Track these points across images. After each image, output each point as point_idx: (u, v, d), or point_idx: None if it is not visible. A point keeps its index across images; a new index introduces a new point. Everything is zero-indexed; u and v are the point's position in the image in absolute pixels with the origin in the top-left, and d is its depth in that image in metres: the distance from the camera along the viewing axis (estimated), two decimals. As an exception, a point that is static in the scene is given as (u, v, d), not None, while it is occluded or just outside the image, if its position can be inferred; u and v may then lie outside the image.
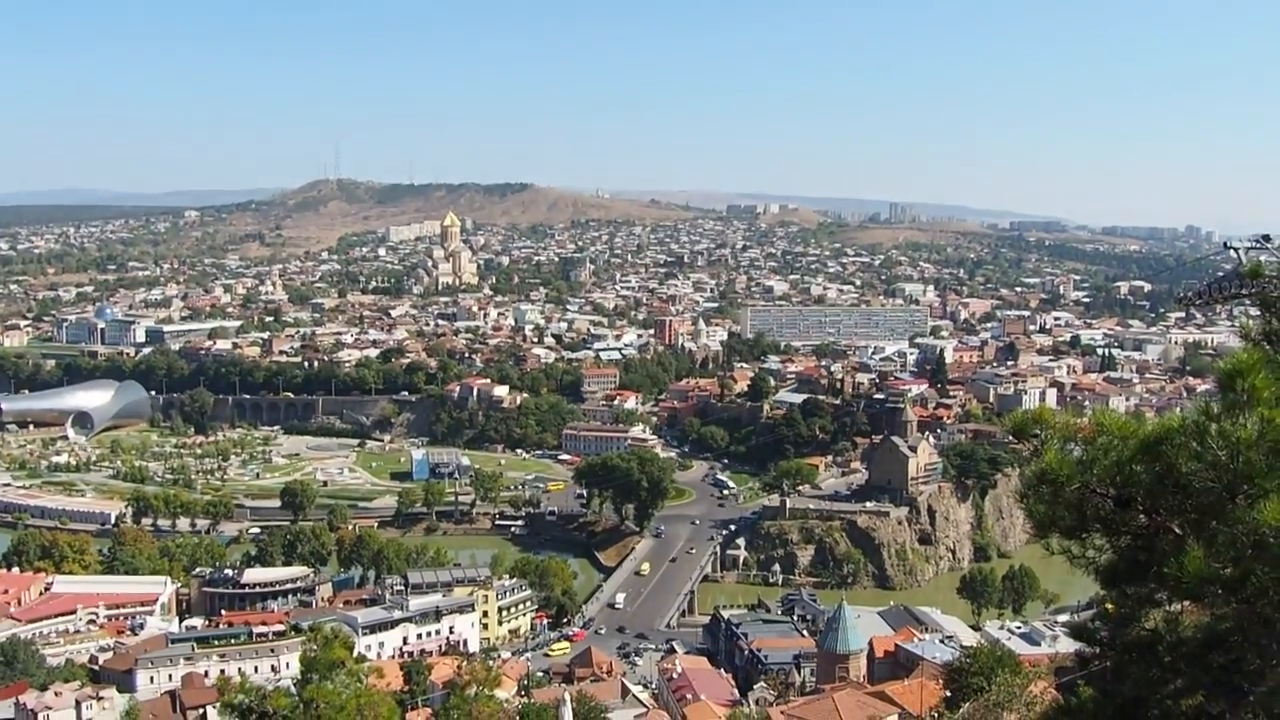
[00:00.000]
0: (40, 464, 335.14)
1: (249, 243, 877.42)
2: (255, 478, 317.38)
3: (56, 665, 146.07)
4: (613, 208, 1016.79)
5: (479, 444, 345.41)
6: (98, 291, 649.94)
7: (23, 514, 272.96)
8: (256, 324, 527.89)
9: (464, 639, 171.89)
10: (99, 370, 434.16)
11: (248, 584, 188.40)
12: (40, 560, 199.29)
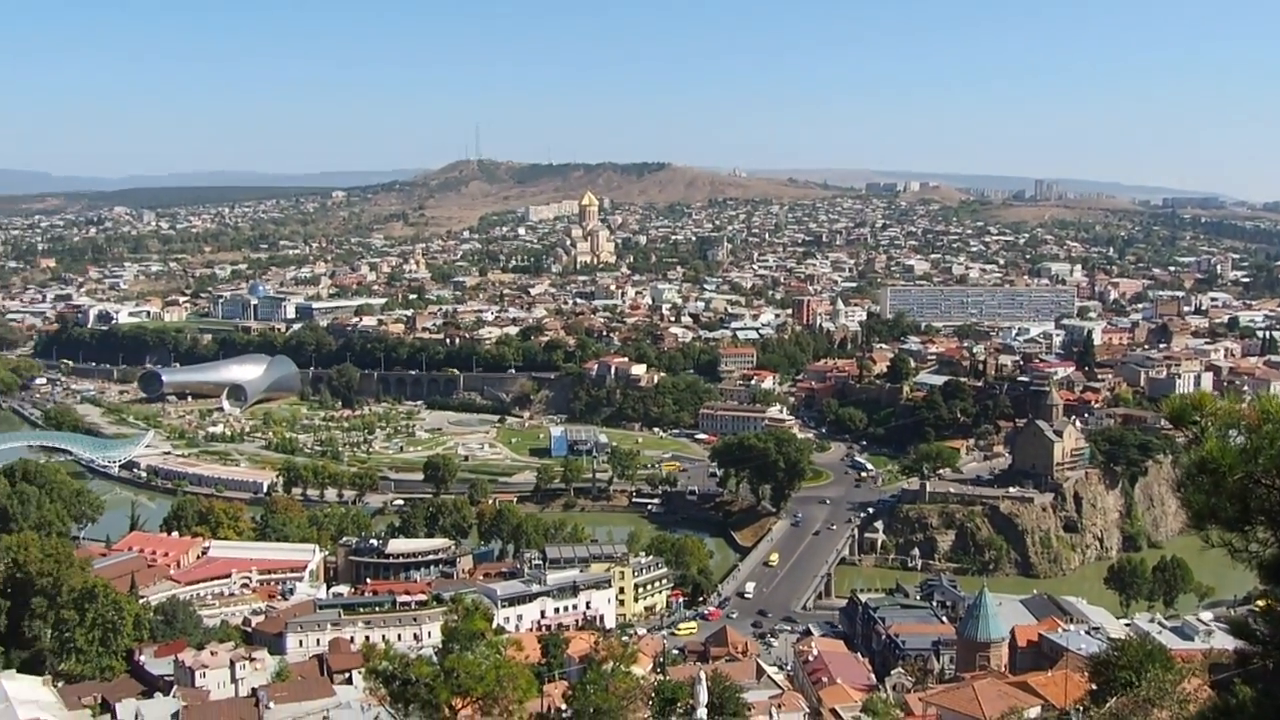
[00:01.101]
0: (198, 434, 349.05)
1: (393, 222, 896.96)
2: (399, 451, 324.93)
3: (212, 626, 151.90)
4: (750, 186, 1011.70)
5: (616, 422, 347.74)
6: (251, 269, 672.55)
7: (182, 481, 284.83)
8: (400, 301, 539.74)
9: (600, 614, 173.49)
10: (252, 345, 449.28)
11: (392, 554, 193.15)
12: (198, 526, 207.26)
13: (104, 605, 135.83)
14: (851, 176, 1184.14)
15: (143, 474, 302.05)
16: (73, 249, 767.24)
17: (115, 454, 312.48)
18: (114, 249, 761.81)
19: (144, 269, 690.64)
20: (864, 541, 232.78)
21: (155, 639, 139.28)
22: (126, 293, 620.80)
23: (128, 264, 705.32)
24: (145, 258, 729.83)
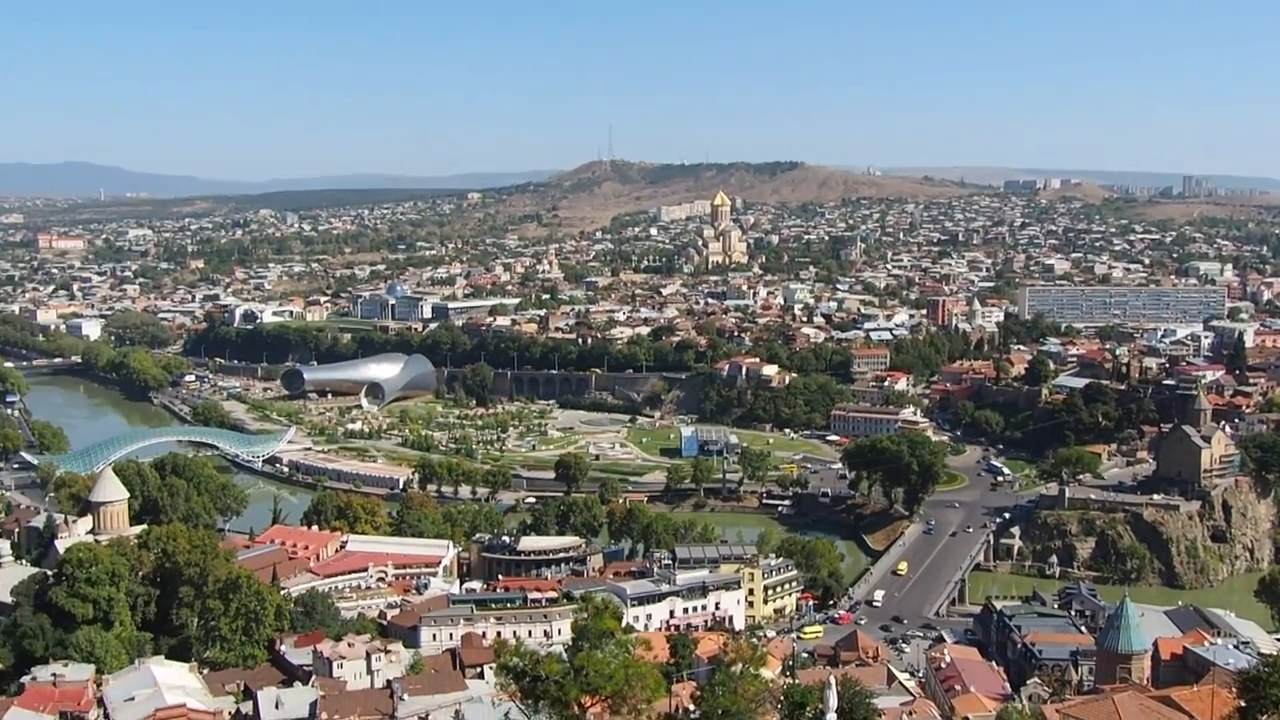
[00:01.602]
0: (337, 430, 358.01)
1: (527, 223, 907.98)
2: (531, 449, 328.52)
3: (349, 618, 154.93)
4: (884, 185, 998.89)
5: (747, 422, 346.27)
6: (389, 270, 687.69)
7: (322, 476, 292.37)
8: (534, 301, 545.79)
9: (729, 615, 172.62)
10: (390, 344, 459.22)
11: (523, 551, 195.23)
12: (336, 520, 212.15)
13: (247, 596, 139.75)
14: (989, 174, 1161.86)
15: (284, 469, 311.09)
16: (220, 250, 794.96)
17: (259, 449, 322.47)
18: (259, 250, 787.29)
19: (287, 270, 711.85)
20: (1000, 547, 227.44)
21: (295, 629, 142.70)
22: (270, 293, 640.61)
23: (272, 265, 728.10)
24: (288, 259, 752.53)
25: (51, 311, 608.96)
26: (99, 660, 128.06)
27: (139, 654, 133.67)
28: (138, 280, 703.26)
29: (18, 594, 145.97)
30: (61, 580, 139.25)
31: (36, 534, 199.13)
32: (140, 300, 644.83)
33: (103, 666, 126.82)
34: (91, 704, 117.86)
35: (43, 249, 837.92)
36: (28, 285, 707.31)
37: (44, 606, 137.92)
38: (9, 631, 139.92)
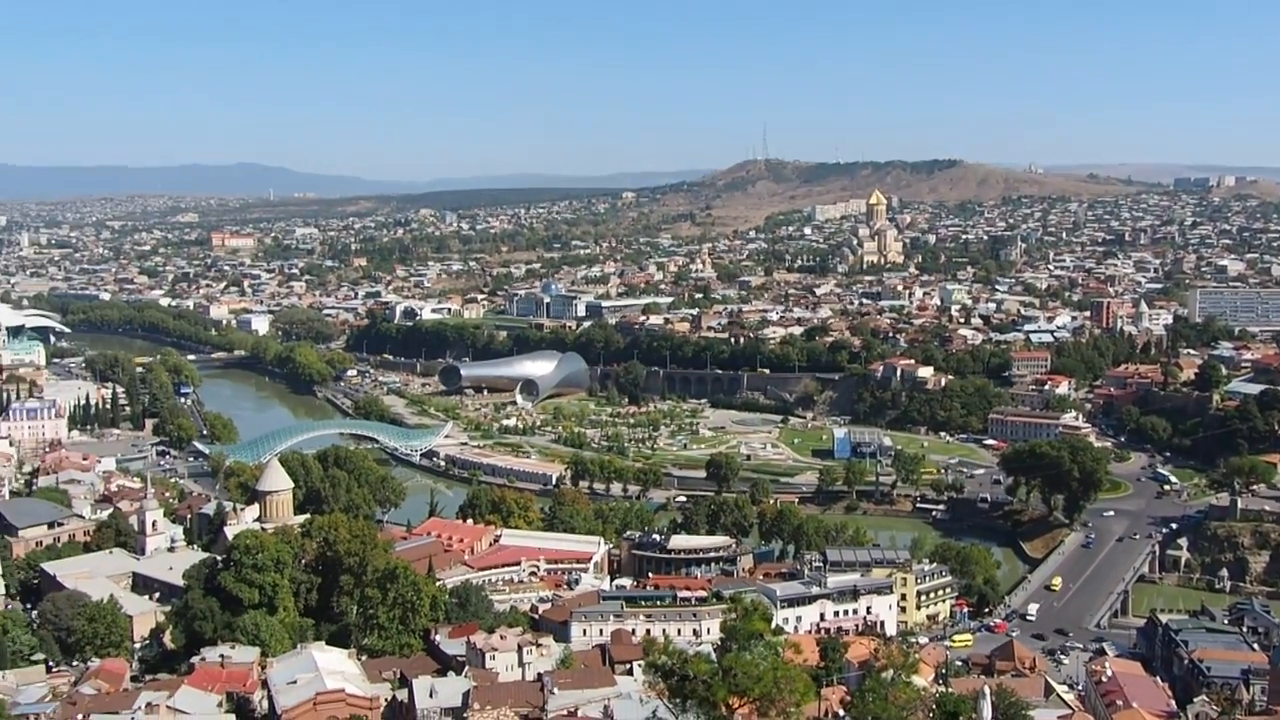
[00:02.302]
0: (492, 426, 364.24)
1: (681, 222, 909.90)
2: (683, 448, 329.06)
3: (502, 611, 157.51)
4: (1046, 183, 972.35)
5: (901, 425, 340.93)
6: (544, 268, 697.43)
7: (477, 471, 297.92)
8: (687, 300, 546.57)
9: (881, 620, 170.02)
10: (544, 341, 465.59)
11: (673, 550, 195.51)
12: (490, 514, 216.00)
13: (404, 586, 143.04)
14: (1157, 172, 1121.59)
15: (441, 463, 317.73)
16: (382, 249, 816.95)
17: (417, 443, 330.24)
18: (419, 249, 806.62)
19: (446, 268, 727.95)
20: (1166, 559, 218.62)
21: (450, 620, 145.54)
22: (430, 290, 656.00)
23: (431, 263, 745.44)
24: (447, 257, 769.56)
25: (223, 307, 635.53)
26: (264, 643, 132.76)
27: (301, 639, 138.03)
28: (304, 277, 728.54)
29: (189, 577, 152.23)
30: (230, 565, 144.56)
31: (207, 520, 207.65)
32: (306, 297, 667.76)
33: (267, 650, 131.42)
34: (256, 685, 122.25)
35: (216, 247, 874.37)
36: (201, 282, 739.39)
37: (213, 590, 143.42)
38: (181, 613, 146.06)
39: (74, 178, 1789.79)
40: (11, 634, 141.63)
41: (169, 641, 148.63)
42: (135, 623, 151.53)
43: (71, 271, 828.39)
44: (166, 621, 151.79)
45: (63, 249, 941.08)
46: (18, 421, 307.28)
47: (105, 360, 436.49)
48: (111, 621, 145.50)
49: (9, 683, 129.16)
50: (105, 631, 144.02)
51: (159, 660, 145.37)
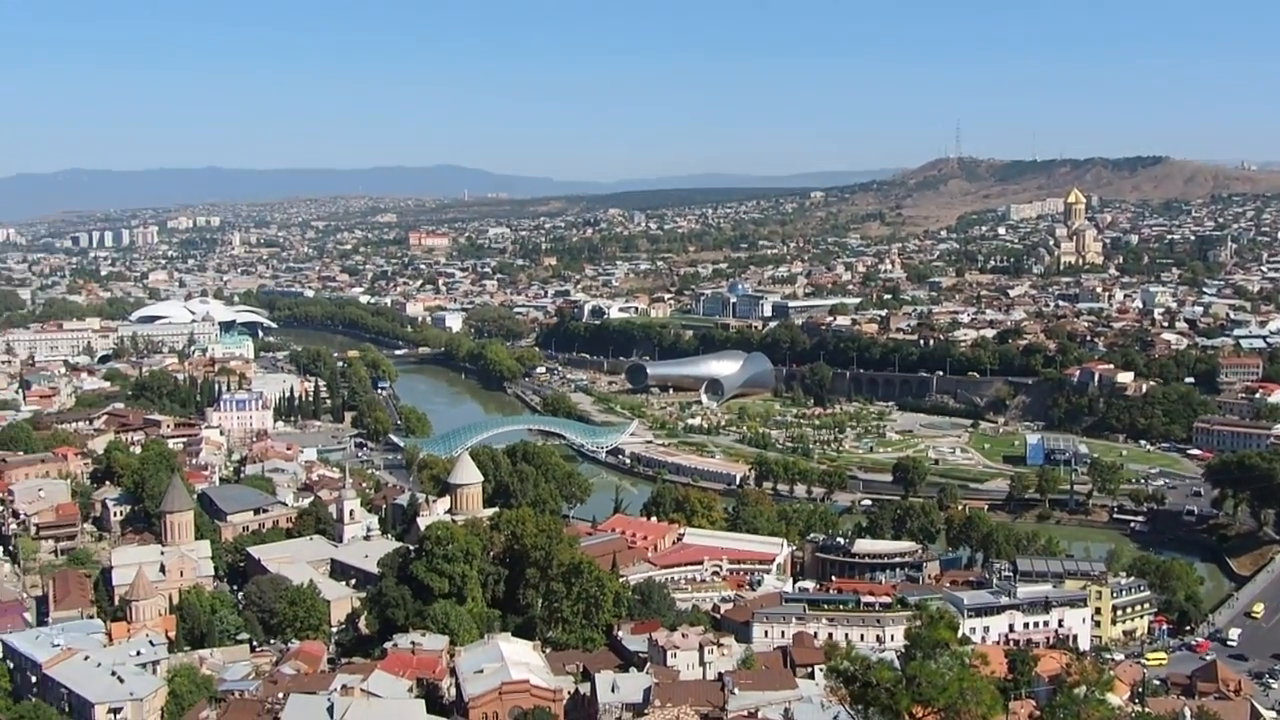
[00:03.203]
0: (677, 425, 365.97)
1: (870, 222, 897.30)
2: (869, 451, 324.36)
3: (684, 609, 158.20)
4: (1260, 180, 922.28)
5: (1098, 432, 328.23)
6: (731, 268, 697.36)
7: (661, 469, 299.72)
8: (875, 301, 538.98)
9: (1073, 634, 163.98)
10: (730, 341, 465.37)
11: (857, 554, 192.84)
12: (674, 512, 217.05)
13: (588, 581, 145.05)
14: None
15: (626, 460, 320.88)
16: (571, 248, 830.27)
17: (603, 440, 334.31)
18: (607, 248, 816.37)
19: (633, 267, 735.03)
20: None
21: (632, 616, 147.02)
22: (617, 289, 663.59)
23: (619, 262, 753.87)
24: (635, 256, 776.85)
25: (419, 304, 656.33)
26: (452, 632, 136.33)
27: (488, 629, 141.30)
28: (496, 276, 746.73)
29: (383, 566, 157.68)
30: (421, 555, 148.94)
31: (401, 511, 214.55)
32: (498, 295, 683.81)
33: (455, 638, 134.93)
34: (445, 673, 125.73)
35: (413, 246, 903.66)
36: (399, 280, 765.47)
37: (405, 579, 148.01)
38: (375, 600, 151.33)
39: (282, 180, 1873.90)
40: (220, 614, 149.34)
41: (364, 627, 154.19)
42: (333, 607, 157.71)
43: (278, 269, 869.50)
44: (362, 607, 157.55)
45: (270, 248, 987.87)
46: (228, 412, 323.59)
47: (308, 355, 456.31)
48: (311, 605, 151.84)
49: (216, 660, 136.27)
50: (305, 614, 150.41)
51: (354, 644, 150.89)
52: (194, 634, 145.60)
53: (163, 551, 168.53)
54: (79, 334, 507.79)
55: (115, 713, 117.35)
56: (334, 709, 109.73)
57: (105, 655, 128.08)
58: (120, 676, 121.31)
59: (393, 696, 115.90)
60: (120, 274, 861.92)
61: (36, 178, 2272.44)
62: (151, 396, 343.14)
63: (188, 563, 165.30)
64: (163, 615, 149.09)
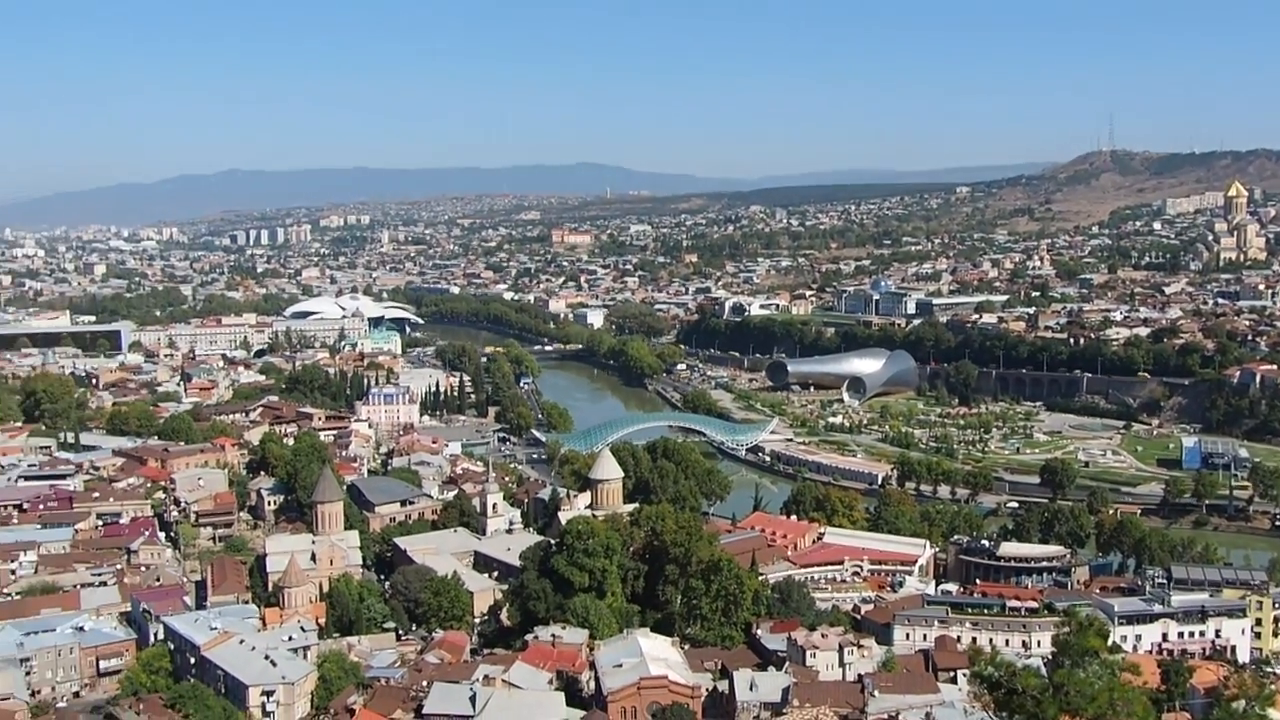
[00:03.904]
0: (818, 423, 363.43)
1: (1017, 217, 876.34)
2: (1015, 452, 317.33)
3: (824, 609, 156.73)
4: None
5: (1260, 435, 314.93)
6: (873, 265, 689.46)
7: (802, 467, 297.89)
8: (1022, 299, 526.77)
9: (1231, 645, 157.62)
10: (872, 339, 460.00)
11: (1003, 557, 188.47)
12: (814, 511, 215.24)
13: (727, 578, 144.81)
14: None
15: (766, 458, 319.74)
16: (712, 245, 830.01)
17: (743, 438, 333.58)
18: (748, 245, 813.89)
19: (774, 264, 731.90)
20: None
21: (771, 615, 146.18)
22: (758, 286, 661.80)
23: (760, 259, 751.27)
24: (776, 253, 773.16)
25: (561, 301, 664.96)
26: (592, 626, 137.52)
27: (627, 624, 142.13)
28: (637, 273, 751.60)
29: (525, 559, 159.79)
30: (562, 549, 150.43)
31: (542, 505, 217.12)
32: (639, 292, 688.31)
33: (595, 632, 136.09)
34: (584, 666, 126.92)
35: (555, 243, 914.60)
36: (542, 276, 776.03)
37: (546, 572, 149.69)
38: (517, 592, 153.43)
39: (428, 179, 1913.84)
40: (367, 602, 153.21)
41: (505, 618, 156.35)
42: (475, 599, 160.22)
43: (425, 266, 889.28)
44: (504, 599, 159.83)
45: (418, 245, 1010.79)
46: (376, 406, 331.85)
47: (454, 350, 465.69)
48: (455, 596, 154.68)
49: (364, 646, 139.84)
50: (449, 605, 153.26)
51: (495, 635, 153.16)
52: (343, 621, 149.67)
53: (314, 540, 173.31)
54: (236, 329, 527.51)
55: (268, 695, 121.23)
56: (476, 698, 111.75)
57: (259, 639, 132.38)
58: (273, 660, 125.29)
59: (533, 688, 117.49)
60: (275, 271, 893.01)
61: (198, 179, 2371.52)
62: (304, 390, 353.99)
63: (337, 552, 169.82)
64: (313, 602, 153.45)
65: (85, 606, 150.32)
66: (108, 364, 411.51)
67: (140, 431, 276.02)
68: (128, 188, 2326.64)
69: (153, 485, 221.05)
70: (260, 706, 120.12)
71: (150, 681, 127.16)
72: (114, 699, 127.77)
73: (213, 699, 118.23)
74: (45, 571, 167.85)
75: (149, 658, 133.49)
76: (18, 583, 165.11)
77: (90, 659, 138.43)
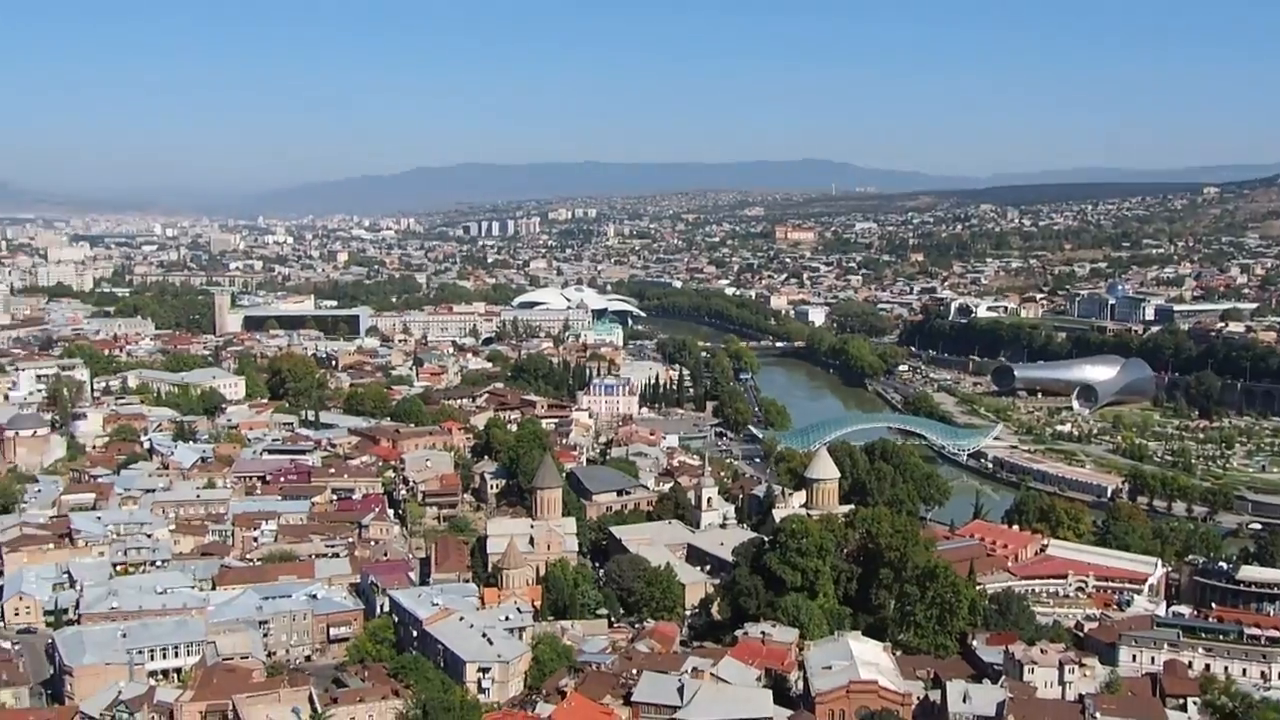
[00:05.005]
0: (1045, 431, 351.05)
1: (1272, 220, 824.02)
2: (1260, 470, 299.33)
3: (1044, 624, 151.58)
4: None
5: None
6: (1110, 268, 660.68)
7: (1026, 476, 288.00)
8: (1274, 307, 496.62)
9: None
10: (1105, 345, 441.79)
11: (1243, 581, 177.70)
12: (1038, 522, 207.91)
13: (943, 586, 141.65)
14: None
15: (988, 465, 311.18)
16: (939, 244, 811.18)
17: (964, 443, 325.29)
18: (977, 245, 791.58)
19: (1004, 265, 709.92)
20: None
21: (988, 627, 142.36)
22: (986, 288, 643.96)
23: (989, 260, 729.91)
24: (1006, 254, 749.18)
25: (783, 298, 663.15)
26: (802, 626, 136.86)
27: (838, 626, 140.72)
28: (861, 271, 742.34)
29: (738, 554, 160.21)
30: (776, 547, 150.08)
31: (757, 502, 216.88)
32: (861, 290, 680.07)
33: (805, 632, 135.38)
34: (793, 666, 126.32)
35: (778, 240, 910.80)
36: (764, 273, 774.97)
37: (759, 569, 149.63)
38: (728, 587, 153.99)
39: (654, 174, 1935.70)
40: (581, 588, 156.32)
41: (716, 612, 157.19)
42: (687, 591, 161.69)
43: (649, 260, 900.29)
44: (715, 594, 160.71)
45: (642, 239, 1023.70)
46: (597, 396, 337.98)
47: (674, 344, 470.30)
48: (667, 587, 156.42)
49: (577, 631, 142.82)
50: (661, 596, 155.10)
51: (706, 629, 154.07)
52: (557, 605, 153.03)
53: (532, 525, 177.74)
54: (466, 317, 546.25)
55: (484, 672, 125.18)
56: (684, 689, 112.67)
57: (478, 618, 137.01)
58: (490, 639, 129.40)
59: (741, 683, 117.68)
60: (504, 262, 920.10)
61: (434, 171, 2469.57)
62: (528, 378, 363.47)
63: (555, 537, 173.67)
64: (530, 585, 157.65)
65: (319, 576, 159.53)
66: (346, 347, 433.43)
67: (374, 412, 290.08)
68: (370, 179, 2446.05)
69: (384, 464, 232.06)
70: (476, 682, 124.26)
71: (375, 651, 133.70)
72: (341, 664, 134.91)
73: (432, 671, 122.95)
74: (284, 541, 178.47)
75: (375, 628, 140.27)
76: (259, 549, 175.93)
77: (322, 625, 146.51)
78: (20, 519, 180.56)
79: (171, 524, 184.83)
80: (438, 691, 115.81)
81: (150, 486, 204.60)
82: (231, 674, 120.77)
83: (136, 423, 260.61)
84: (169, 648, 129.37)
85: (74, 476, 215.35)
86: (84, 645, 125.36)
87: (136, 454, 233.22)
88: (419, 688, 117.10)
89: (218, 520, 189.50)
